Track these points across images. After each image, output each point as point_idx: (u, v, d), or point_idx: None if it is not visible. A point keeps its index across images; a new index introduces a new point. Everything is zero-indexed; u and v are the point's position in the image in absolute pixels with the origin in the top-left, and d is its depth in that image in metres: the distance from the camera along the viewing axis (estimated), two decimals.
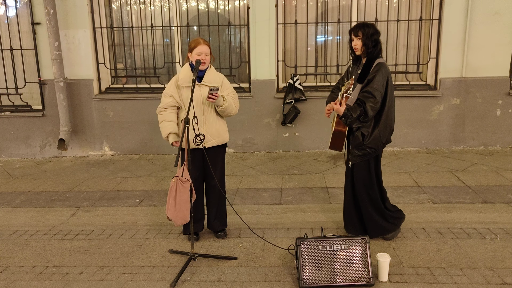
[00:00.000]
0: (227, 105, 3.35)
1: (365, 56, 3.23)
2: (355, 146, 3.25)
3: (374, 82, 3.08)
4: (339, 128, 3.28)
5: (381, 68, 3.12)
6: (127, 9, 6.38)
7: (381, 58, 3.22)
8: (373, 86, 3.08)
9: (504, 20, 5.78)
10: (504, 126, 6.08)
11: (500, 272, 2.96)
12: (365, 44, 3.17)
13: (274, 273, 3.06)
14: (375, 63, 3.15)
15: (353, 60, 3.40)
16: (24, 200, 4.74)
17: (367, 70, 3.15)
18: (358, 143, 3.22)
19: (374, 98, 3.07)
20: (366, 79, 3.13)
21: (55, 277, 3.11)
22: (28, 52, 6.33)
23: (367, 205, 3.36)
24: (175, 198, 3.07)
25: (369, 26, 3.19)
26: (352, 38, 3.25)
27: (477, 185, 4.67)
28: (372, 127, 3.20)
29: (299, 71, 6.29)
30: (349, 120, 3.10)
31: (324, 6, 6.19)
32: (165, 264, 3.24)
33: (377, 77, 3.09)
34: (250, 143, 6.36)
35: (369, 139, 3.19)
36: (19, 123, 6.46)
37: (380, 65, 3.13)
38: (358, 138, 3.21)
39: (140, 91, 6.44)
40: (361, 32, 3.17)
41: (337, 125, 3.28)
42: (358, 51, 3.23)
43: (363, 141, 3.20)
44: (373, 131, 3.19)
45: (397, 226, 3.48)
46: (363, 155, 3.25)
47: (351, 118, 3.09)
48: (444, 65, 5.98)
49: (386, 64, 3.20)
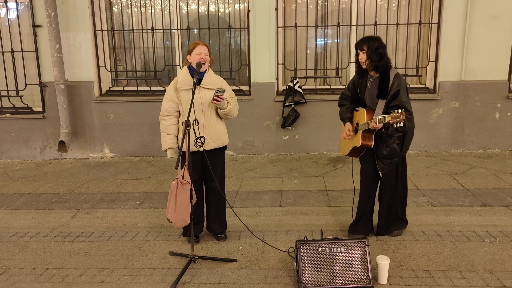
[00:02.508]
0: (230, 107, 3.38)
1: (372, 70, 3.29)
2: (391, 157, 3.32)
3: (400, 96, 3.19)
4: (366, 142, 3.32)
5: (401, 80, 3.23)
6: (128, 11, 6.40)
7: (393, 68, 3.30)
8: (402, 100, 3.19)
9: (503, 23, 5.80)
10: (503, 129, 6.10)
11: (499, 275, 2.97)
12: (369, 58, 3.23)
13: (274, 275, 3.06)
14: (392, 76, 3.23)
15: (358, 73, 3.43)
16: (25, 202, 4.74)
17: (386, 84, 3.22)
18: (395, 154, 3.29)
19: (408, 110, 3.17)
20: (391, 94, 3.21)
21: (55, 279, 3.11)
22: (29, 54, 6.35)
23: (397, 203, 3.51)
24: (176, 200, 3.09)
25: (374, 40, 3.24)
26: (357, 52, 3.31)
27: (476, 188, 4.68)
28: (402, 137, 3.29)
29: (299, 74, 6.31)
30: (390, 129, 3.17)
31: (324, 9, 6.22)
32: (165, 266, 3.25)
33: (401, 91, 3.20)
34: (250, 145, 6.37)
35: (403, 147, 3.31)
36: (20, 125, 6.47)
37: (398, 77, 3.22)
38: (395, 149, 3.28)
39: (140, 93, 6.45)
40: (366, 46, 3.23)
41: (363, 139, 3.31)
42: (364, 64, 3.29)
43: (400, 151, 3.30)
44: (404, 140, 3.30)
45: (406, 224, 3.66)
46: (396, 162, 3.36)
47: (392, 127, 3.13)
48: (443, 69, 6.00)
49: (400, 74, 3.29)
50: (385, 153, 3.30)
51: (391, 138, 3.25)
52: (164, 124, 3.49)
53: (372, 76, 3.34)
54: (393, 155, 3.30)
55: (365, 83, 3.39)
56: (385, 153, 3.30)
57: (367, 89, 3.37)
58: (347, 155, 3.59)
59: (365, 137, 3.31)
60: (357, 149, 3.43)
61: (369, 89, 3.36)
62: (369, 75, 3.37)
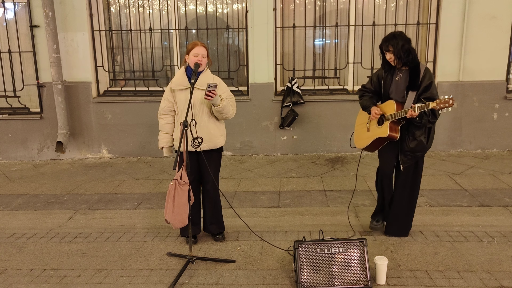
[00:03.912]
0: (224, 104, 3.31)
1: (402, 65, 3.30)
2: (416, 151, 3.34)
3: (432, 88, 3.25)
4: (393, 133, 3.32)
5: (431, 74, 3.29)
6: (126, 12, 6.39)
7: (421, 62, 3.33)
8: (433, 92, 3.24)
9: (500, 24, 5.82)
10: (500, 129, 6.11)
11: (497, 275, 2.97)
12: (397, 57, 3.24)
13: (272, 276, 3.06)
14: (423, 69, 3.27)
15: (385, 68, 3.43)
16: (22, 203, 4.73)
17: (417, 77, 3.26)
18: (422, 147, 3.32)
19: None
20: (423, 86, 3.24)
21: (52, 280, 3.10)
22: (26, 54, 6.33)
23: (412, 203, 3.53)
24: (174, 201, 3.08)
25: (397, 37, 3.24)
26: (384, 52, 3.32)
27: (474, 188, 4.69)
28: (427, 130, 3.33)
29: (297, 75, 6.31)
30: (424, 119, 3.20)
31: (322, 9, 6.22)
32: (163, 267, 3.24)
33: (432, 84, 3.26)
34: (248, 146, 6.37)
35: (428, 140, 3.35)
36: (17, 125, 6.45)
37: (428, 71, 3.28)
38: (422, 142, 3.31)
39: (138, 94, 6.44)
40: (391, 46, 3.23)
41: (390, 130, 3.31)
42: (393, 63, 3.30)
43: (426, 144, 3.34)
44: (429, 134, 3.34)
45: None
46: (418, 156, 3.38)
47: (426, 117, 3.17)
48: (442, 69, 6.01)
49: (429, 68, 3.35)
50: (412, 146, 3.31)
51: (420, 129, 3.27)
52: (160, 122, 3.53)
53: (402, 70, 3.35)
54: (419, 148, 3.31)
55: (391, 77, 3.39)
56: (412, 146, 3.31)
57: (394, 82, 3.38)
58: (363, 149, 3.56)
59: (392, 128, 3.31)
60: (379, 141, 3.42)
61: (396, 82, 3.36)
62: (397, 69, 3.37)
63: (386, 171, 3.53)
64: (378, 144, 3.48)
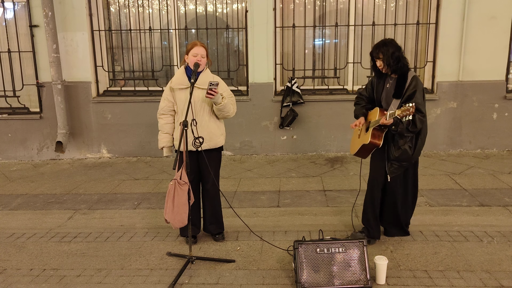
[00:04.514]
0: (225, 102, 3.32)
1: (392, 72, 3.28)
2: (401, 160, 3.28)
3: (416, 97, 3.17)
4: (375, 140, 3.29)
5: (418, 82, 3.22)
6: (125, 12, 6.39)
7: (411, 70, 3.30)
8: (417, 101, 3.15)
9: (500, 24, 5.82)
10: (500, 129, 6.11)
11: (497, 275, 2.98)
12: (387, 64, 3.23)
13: (272, 276, 3.06)
14: (410, 78, 3.23)
15: (377, 75, 3.42)
16: (21, 203, 4.72)
17: (403, 85, 3.22)
18: (407, 157, 3.25)
19: (421, 112, 3.15)
20: (406, 95, 3.20)
21: (52, 280, 3.10)
22: (26, 54, 6.33)
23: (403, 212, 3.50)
24: (173, 201, 3.07)
25: (387, 45, 3.23)
26: (374, 60, 3.31)
27: (474, 188, 4.69)
28: (415, 139, 3.26)
29: (297, 74, 6.31)
30: (399, 127, 3.14)
31: (322, 9, 6.22)
32: (162, 267, 3.24)
33: (417, 93, 3.18)
34: (248, 146, 6.37)
35: (415, 151, 3.27)
36: (17, 125, 6.45)
37: (415, 79, 3.22)
38: (406, 152, 3.24)
39: (138, 93, 6.44)
40: (381, 53, 3.22)
41: (372, 137, 3.28)
42: (384, 70, 3.29)
43: (412, 155, 3.26)
44: (416, 142, 3.27)
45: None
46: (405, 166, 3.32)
47: (402, 125, 3.12)
48: (441, 69, 6.01)
49: (418, 77, 3.28)
50: (396, 155, 3.26)
51: (402, 138, 3.23)
52: (160, 122, 3.52)
53: (392, 78, 3.33)
54: (404, 157, 3.25)
55: (383, 84, 3.38)
56: (396, 154, 3.26)
57: (385, 89, 3.36)
58: (355, 155, 3.53)
59: (375, 135, 3.29)
60: (366, 148, 3.38)
61: (386, 89, 3.35)
62: (388, 76, 3.36)
63: (377, 178, 3.44)
64: (366, 151, 3.43)
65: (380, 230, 3.54)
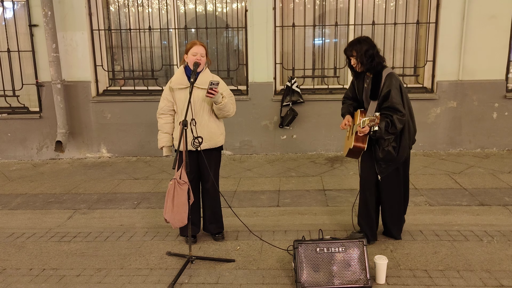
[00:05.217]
0: (226, 101, 3.32)
1: (366, 71, 3.23)
2: (387, 161, 3.23)
3: (391, 97, 3.08)
4: (358, 144, 3.24)
5: (392, 80, 3.11)
6: (125, 11, 6.38)
7: (387, 67, 3.21)
8: (393, 101, 3.07)
9: (500, 23, 5.81)
10: (500, 129, 6.10)
11: (497, 275, 2.97)
12: (360, 62, 3.17)
13: (272, 275, 3.06)
14: (384, 76, 3.14)
15: (355, 75, 3.38)
16: (21, 203, 4.72)
17: (378, 85, 3.14)
18: (391, 158, 3.20)
19: (399, 111, 3.08)
20: (382, 96, 3.12)
21: (52, 280, 3.10)
22: (25, 54, 6.32)
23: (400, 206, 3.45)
24: (173, 200, 3.07)
25: (362, 42, 3.17)
26: (349, 58, 3.25)
27: (474, 187, 4.69)
28: (399, 139, 3.20)
29: (296, 74, 6.31)
30: (378, 133, 3.10)
31: (322, 9, 6.21)
32: (162, 266, 3.24)
33: (392, 91, 3.08)
34: (247, 145, 6.37)
35: (399, 151, 3.21)
36: (16, 125, 6.44)
37: (389, 77, 3.12)
38: (390, 153, 3.18)
39: (137, 93, 6.43)
40: (355, 51, 3.17)
41: (356, 141, 3.24)
42: (358, 68, 3.24)
43: (397, 155, 3.21)
44: (400, 142, 3.21)
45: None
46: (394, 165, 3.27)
47: (379, 131, 3.08)
48: (441, 68, 6.01)
49: (394, 73, 3.18)
50: (381, 156, 3.21)
51: (384, 140, 3.17)
52: (159, 122, 3.52)
53: (368, 77, 3.26)
54: (389, 158, 3.20)
55: (362, 83, 3.32)
56: (381, 156, 3.21)
57: (364, 89, 3.31)
58: (346, 156, 3.53)
59: (359, 139, 3.23)
60: (353, 152, 3.34)
61: (365, 89, 3.30)
62: (366, 75, 3.30)
63: (366, 179, 3.40)
64: (354, 153, 3.38)
65: (376, 233, 3.49)
